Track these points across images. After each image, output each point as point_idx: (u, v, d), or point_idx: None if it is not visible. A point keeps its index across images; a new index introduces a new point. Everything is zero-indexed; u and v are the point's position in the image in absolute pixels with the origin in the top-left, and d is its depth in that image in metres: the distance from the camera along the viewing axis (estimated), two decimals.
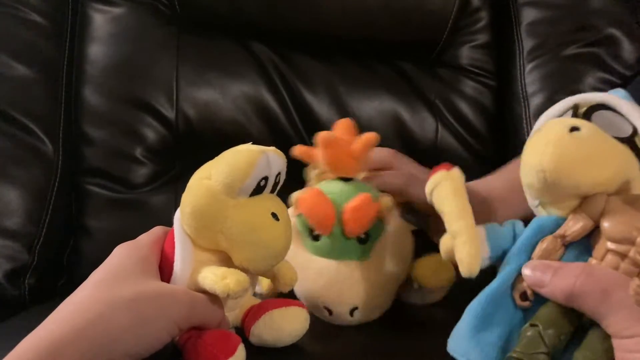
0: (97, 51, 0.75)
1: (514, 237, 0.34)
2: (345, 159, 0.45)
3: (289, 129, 0.78)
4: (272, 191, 0.39)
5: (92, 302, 0.33)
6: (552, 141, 0.30)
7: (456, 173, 0.35)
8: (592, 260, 0.30)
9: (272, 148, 0.38)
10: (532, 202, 0.35)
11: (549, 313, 0.30)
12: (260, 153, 0.36)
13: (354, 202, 0.42)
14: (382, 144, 0.64)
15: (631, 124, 0.32)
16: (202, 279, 0.36)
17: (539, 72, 0.79)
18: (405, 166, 0.55)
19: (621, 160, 0.31)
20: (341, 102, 0.78)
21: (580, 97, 0.35)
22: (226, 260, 0.38)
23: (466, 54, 0.84)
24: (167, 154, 0.75)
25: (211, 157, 0.40)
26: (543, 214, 0.34)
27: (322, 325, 0.44)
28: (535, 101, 0.79)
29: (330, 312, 0.44)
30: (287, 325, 0.39)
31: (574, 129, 0.31)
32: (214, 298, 0.37)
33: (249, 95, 0.77)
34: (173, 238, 0.39)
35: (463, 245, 0.32)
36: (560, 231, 0.32)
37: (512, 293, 0.32)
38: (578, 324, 0.30)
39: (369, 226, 0.43)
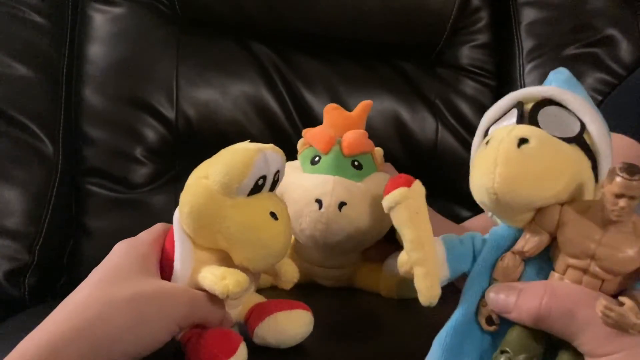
0: (97, 51, 0.75)
1: (474, 254, 0.33)
2: (344, 120, 0.50)
3: (289, 129, 0.78)
4: (271, 189, 0.39)
5: (91, 302, 0.33)
6: (501, 161, 0.28)
7: (416, 190, 0.33)
8: (555, 275, 0.29)
9: (271, 145, 0.37)
10: (486, 212, 0.34)
11: (518, 337, 0.29)
12: (257, 152, 0.36)
13: (353, 130, 0.48)
14: (382, 144, 0.64)
15: (578, 118, 0.31)
16: (201, 279, 0.36)
17: (538, 72, 0.80)
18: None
19: (573, 169, 0.29)
20: (341, 102, 0.78)
21: (523, 92, 0.33)
22: (226, 259, 0.37)
23: (466, 54, 0.84)
24: (167, 154, 0.75)
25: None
26: (499, 222, 0.33)
27: (326, 326, 0.44)
28: None
29: (320, 204, 0.45)
30: (291, 328, 0.39)
31: (522, 141, 0.29)
32: (214, 296, 0.36)
33: (249, 95, 0.77)
34: (172, 237, 0.38)
35: (422, 277, 0.31)
36: (517, 247, 0.31)
37: (477, 318, 0.32)
38: (548, 343, 0.30)
39: (362, 151, 0.48)
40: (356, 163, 0.48)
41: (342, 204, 0.45)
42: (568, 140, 0.30)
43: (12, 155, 0.69)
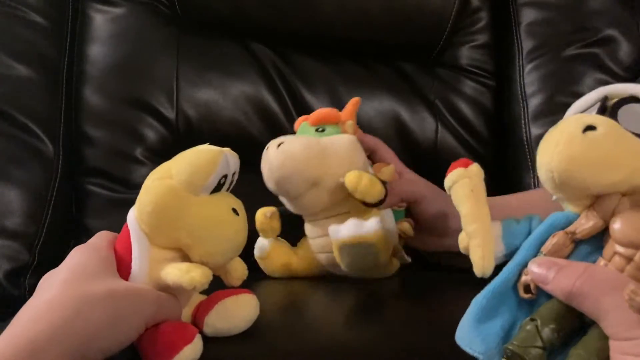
0: (97, 51, 0.75)
1: (530, 233, 0.34)
2: (335, 113, 0.57)
3: (289, 129, 0.77)
4: (227, 189, 0.41)
5: (66, 300, 0.33)
6: (563, 142, 0.30)
7: (474, 170, 0.36)
8: (601, 261, 0.30)
9: (228, 149, 0.40)
10: (551, 195, 0.35)
11: (550, 309, 0.31)
12: (220, 153, 0.38)
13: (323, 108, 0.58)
14: None
15: None
16: (165, 275, 0.37)
17: (538, 72, 0.80)
18: (393, 161, 0.59)
19: (636, 162, 0.30)
20: (341, 102, 0.78)
21: (612, 87, 0.34)
22: (182, 258, 0.39)
23: (466, 54, 0.84)
24: (167, 154, 0.74)
25: None
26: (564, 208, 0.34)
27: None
28: (534, 101, 0.79)
29: (267, 148, 0.52)
30: (240, 311, 0.40)
31: (589, 128, 0.30)
32: (174, 296, 0.38)
33: (249, 95, 0.77)
34: (124, 239, 0.39)
35: (477, 248, 0.34)
36: (571, 228, 0.32)
37: (516, 285, 0.33)
38: (580, 322, 0.30)
39: (324, 121, 0.56)
40: (320, 129, 0.56)
41: (280, 144, 0.51)
42: None
43: (12, 155, 0.68)
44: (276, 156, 0.50)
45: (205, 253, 0.38)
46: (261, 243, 0.58)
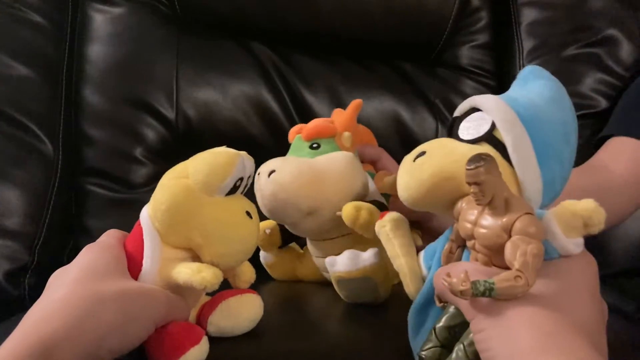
0: (97, 51, 0.75)
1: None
2: (329, 126, 0.54)
3: (289, 129, 0.77)
4: (242, 192, 0.41)
5: (79, 300, 0.33)
6: (400, 174, 0.36)
7: (387, 219, 0.41)
8: (471, 257, 0.34)
9: (244, 152, 0.40)
10: None
11: (446, 312, 0.34)
12: (237, 155, 0.39)
13: (316, 119, 0.54)
14: (382, 143, 0.64)
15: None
16: (176, 274, 0.37)
17: None
18: (395, 170, 0.57)
19: (459, 170, 0.33)
20: (341, 102, 0.78)
21: (458, 109, 0.38)
22: (192, 259, 0.39)
23: (466, 54, 0.84)
24: (167, 154, 0.75)
25: None
26: None
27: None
28: None
29: (259, 174, 0.50)
30: (244, 310, 0.41)
31: (419, 155, 0.35)
32: (183, 297, 0.38)
33: (249, 95, 0.77)
34: (136, 237, 0.39)
35: (403, 279, 0.39)
36: (450, 236, 0.36)
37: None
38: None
39: (318, 136, 0.53)
40: (314, 145, 0.52)
41: (271, 172, 0.48)
42: (475, 140, 0.34)
43: (12, 155, 0.68)
44: (267, 186, 0.48)
45: (217, 254, 0.38)
46: (265, 253, 0.57)
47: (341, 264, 0.46)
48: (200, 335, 0.36)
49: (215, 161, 0.38)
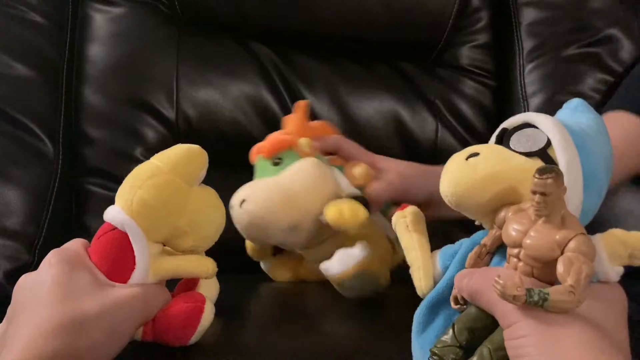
0: (97, 51, 0.75)
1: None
2: (285, 139, 0.54)
3: None
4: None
5: (58, 325, 0.33)
6: (449, 170, 0.36)
7: (408, 210, 0.41)
8: (506, 264, 0.33)
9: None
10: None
11: (467, 313, 0.34)
12: (200, 147, 0.42)
13: (271, 135, 0.54)
14: (382, 143, 0.64)
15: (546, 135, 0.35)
16: (177, 267, 0.40)
17: (538, 72, 0.80)
18: (361, 155, 0.57)
19: (518, 174, 0.34)
20: (341, 102, 0.78)
21: (509, 120, 0.38)
22: (164, 250, 0.41)
23: (466, 54, 0.84)
24: None
25: (211, 157, 0.42)
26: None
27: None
28: (534, 101, 0.79)
29: (232, 206, 0.50)
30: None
31: (472, 155, 0.35)
32: (159, 284, 0.40)
33: (249, 95, 0.77)
34: (113, 241, 0.39)
35: (415, 272, 0.39)
36: (482, 241, 0.36)
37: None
38: (493, 321, 0.33)
39: (278, 150, 0.52)
40: (277, 161, 0.52)
41: (242, 202, 0.48)
42: (529, 154, 0.34)
43: (12, 155, 0.68)
44: (242, 217, 0.48)
45: (200, 237, 0.41)
46: (262, 261, 0.58)
47: (334, 267, 0.47)
48: (202, 301, 0.39)
49: (190, 154, 0.41)
